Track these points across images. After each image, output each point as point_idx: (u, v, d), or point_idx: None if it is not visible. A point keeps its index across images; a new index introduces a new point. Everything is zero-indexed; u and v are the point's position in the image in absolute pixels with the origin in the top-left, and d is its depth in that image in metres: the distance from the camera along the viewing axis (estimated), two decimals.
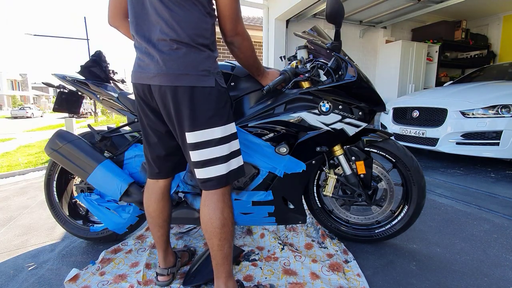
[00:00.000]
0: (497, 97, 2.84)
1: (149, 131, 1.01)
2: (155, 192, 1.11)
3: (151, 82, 0.89)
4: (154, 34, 0.86)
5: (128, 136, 1.55)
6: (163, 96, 0.88)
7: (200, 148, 0.90)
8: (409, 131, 3.36)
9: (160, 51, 0.86)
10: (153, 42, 0.87)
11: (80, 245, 1.59)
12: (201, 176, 0.93)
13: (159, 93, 0.88)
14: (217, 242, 0.94)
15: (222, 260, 0.97)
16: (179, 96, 0.87)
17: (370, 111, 1.31)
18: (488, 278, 1.23)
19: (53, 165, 1.54)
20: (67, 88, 1.54)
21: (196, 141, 0.90)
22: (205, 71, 0.89)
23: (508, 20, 5.86)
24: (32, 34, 15.35)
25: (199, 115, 0.89)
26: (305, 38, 1.37)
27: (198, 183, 0.96)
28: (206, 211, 0.95)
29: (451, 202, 2.11)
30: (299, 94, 1.26)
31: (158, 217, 1.12)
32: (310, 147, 1.31)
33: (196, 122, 0.89)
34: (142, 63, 0.90)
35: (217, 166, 0.92)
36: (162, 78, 0.86)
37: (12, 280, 1.31)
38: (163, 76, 0.86)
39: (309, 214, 1.72)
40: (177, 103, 0.88)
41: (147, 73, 0.89)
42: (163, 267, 1.18)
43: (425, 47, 5.65)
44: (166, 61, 0.86)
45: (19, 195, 2.62)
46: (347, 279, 1.20)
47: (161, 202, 1.11)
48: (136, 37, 0.91)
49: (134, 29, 0.90)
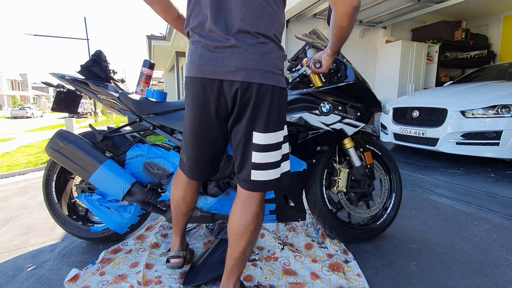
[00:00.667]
0: (497, 97, 2.84)
1: (202, 131, 0.92)
2: (191, 186, 1.10)
3: (229, 77, 0.80)
4: (234, 23, 0.79)
5: (129, 136, 1.56)
6: (244, 92, 0.81)
7: (265, 150, 0.86)
8: (409, 131, 3.36)
9: (244, 43, 0.79)
10: (233, 33, 0.79)
11: (80, 245, 1.59)
12: (257, 178, 0.88)
13: (240, 89, 0.81)
14: (244, 245, 0.92)
15: (241, 262, 0.95)
16: (263, 94, 0.82)
17: (367, 111, 1.38)
18: (488, 278, 1.23)
19: (52, 165, 1.54)
20: (65, 87, 1.55)
21: (265, 143, 0.86)
22: (281, 71, 0.87)
23: (508, 20, 5.86)
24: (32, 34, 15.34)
25: (273, 116, 0.86)
26: (305, 41, 1.39)
27: (245, 183, 0.91)
28: (243, 214, 0.91)
29: (451, 202, 2.11)
30: (300, 95, 1.29)
31: (187, 207, 1.14)
32: (311, 146, 1.34)
33: (270, 123, 0.85)
34: (216, 55, 0.81)
35: (274, 170, 0.89)
36: (247, 74, 0.79)
37: (12, 280, 1.31)
38: (249, 72, 0.80)
39: (309, 214, 1.72)
40: (259, 101, 0.82)
41: (223, 67, 0.80)
42: (179, 249, 1.21)
43: (425, 47, 5.66)
44: (252, 56, 0.79)
45: (19, 195, 2.62)
46: (347, 279, 1.20)
47: (194, 195, 1.14)
48: (204, 23, 0.82)
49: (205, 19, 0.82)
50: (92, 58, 1.52)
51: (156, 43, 7.92)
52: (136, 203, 1.42)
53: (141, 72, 1.55)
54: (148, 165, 1.42)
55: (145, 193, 1.35)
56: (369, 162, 1.48)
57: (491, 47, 6.21)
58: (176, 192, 1.13)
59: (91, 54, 1.57)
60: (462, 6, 4.81)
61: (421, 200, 2.15)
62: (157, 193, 1.39)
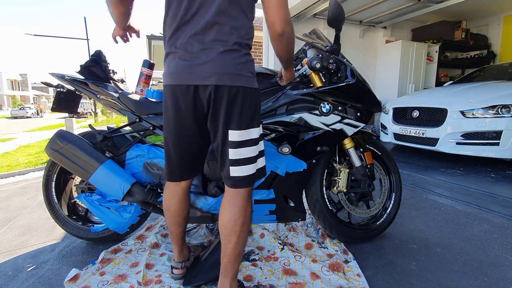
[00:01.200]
0: (497, 97, 2.84)
1: (180, 133, 0.99)
2: (177, 194, 1.11)
3: (204, 82, 0.89)
4: (210, 34, 0.87)
5: (129, 136, 1.56)
6: (218, 95, 0.89)
7: (240, 146, 0.93)
8: (409, 131, 3.36)
9: (217, 51, 0.87)
10: (206, 42, 0.88)
11: (80, 245, 1.59)
12: (236, 174, 0.95)
13: (214, 92, 0.89)
14: (235, 240, 0.96)
15: (235, 258, 0.98)
16: (235, 95, 0.90)
17: (367, 111, 1.39)
18: (488, 278, 1.23)
19: (52, 165, 1.54)
20: (65, 87, 1.54)
21: (239, 139, 0.93)
22: (251, 73, 0.95)
23: (508, 20, 5.86)
24: (32, 34, 15.34)
25: (246, 115, 0.93)
26: (305, 41, 1.39)
27: (227, 180, 0.97)
28: (230, 209, 0.97)
29: (451, 202, 2.11)
30: (300, 95, 1.29)
31: (179, 216, 1.14)
32: (311, 146, 1.35)
33: (243, 121, 0.92)
34: (190, 63, 0.89)
35: (250, 165, 0.95)
36: (220, 77, 0.88)
37: (12, 280, 1.31)
38: (222, 76, 0.88)
39: (309, 214, 1.72)
40: (232, 101, 0.90)
41: (197, 73, 0.89)
42: (177, 261, 1.20)
43: (425, 47, 5.65)
44: (224, 61, 0.88)
45: (19, 195, 2.62)
46: (347, 279, 1.20)
47: (182, 203, 1.13)
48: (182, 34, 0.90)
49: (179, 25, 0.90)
50: (92, 58, 1.52)
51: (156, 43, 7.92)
52: (136, 203, 1.42)
53: (141, 72, 1.55)
54: (148, 165, 1.42)
55: (145, 193, 1.35)
56: (369, 162, 1.48)
57: (491, 47, 6.20)
58: (166, 202, 1.13)
59: (90, 54, 1.57)
60: (462, 6, 4.81)
61: (421, 200, 2.15)
62: (157, 193, 1.39)
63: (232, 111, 0.91)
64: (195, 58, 0.89)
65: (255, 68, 1.33)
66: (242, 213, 0.96)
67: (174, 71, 0.92)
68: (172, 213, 1.13)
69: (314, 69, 1.26)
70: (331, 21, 1.16)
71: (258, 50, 6.83)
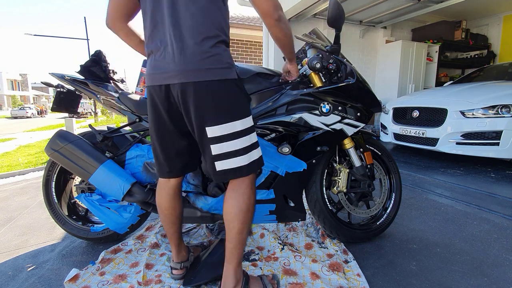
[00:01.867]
0: (497, 97, 2.84)
1: (161, 131, 1.01)
2: (167, 191, 1.12)
3: (170, 82, 0.89)
4: (173, 34, 0.87)
5: (129, 136, 1.56)
6: (185, 93, 0.89)
7: (222, 141, 0.92)
8: (409, 131, 3.36)
9: (180, 49, 0.87)
10: (171, 41, 0.87)
11: (80, 245, 1.59)
12: (222, 168, 0.94)
13: (180, 91, 0.89)
14: (239, 226, 0.97)
15: (239, 244, 0.99)
16: (202, 91, 0.88)
17: (367, 111, 1.39)
18: (488, 278, 1.23)
19: (52, 165, 1.54)
20: (65, 87, 1.54)
21: (218, 134, 0.91)
22: (228, 64, 0.92)
23: (508, 20, 5.86)
24: (32, 34, 15.35)
25: (223, 108, 0.91)
26: (305, 41, 1.39)
27: (214, 176, 0.97)
28: (233, 195, 0.98)
29: (451, 202, 2.11)
30: (300, 95, 1.29)
31: (171, 215, 1.14)
32: (311, 146, 1.35)
33: (219, 116, 0.90)
34: (158, 63, 0.91)
35: (238, 157, 0.94)
36: (183, 76, 0.87)
37: (12, 280, 1.31)
38: (185, 73, 0.87)
39: (309, 214, 1.72)
40: (200, 98, 0.89)
41: (164, 73, 0.90)
42: (176, 261, 1.20)
43: (425, 47, 5.65)
44: (187, 58, 0.87)
45: (19, 195, 2.62)
46: (347, 279, 1.20)
47: (173, 200, 1.13)
48: (151, 40, 0.92)
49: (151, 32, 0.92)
50: (92, 58, 1.52)
51: None
52: (136, 203, 1.42)
53: (141, 72, 1.55)
54: (148, 165, 1.42)
55: (145, 193, 1.35)
56: (369, 162, 1.48)
57: (491, 47, 6.20)
58: (157, 199, 1.14)
59: (91, 54, 1.57)
60: (462, 6, 4.81)
61: (421, 200, 2.15)
62: None
63: (203, 108, 0.90)
64: (161, 58, 0.89)
65: (255, 68, 1.33)
66: (244, 199, 0.97)
67: (149, 72, 0.94)
68: (163, 210, 1.13)
69: (314, 69, 1.26)
70: (331, 21, 1.17)
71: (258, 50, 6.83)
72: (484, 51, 6.18)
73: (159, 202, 1.14)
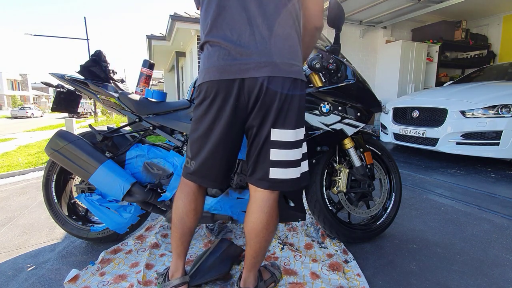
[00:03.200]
0: (497, 97, 2.84)
1: (223, 134, 0.87)
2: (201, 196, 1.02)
3: (250, 75, 0.77)
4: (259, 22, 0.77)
5: (129, 136, 1.56)
6: (268, 88, 0.78)
7: (285, 148, 0.84)
8: (409, 131, 3.36)
9: (268, 38, 0.76)
10: (252, 30, 0.77)
11: (80, 245, 1.59)
12: (276, 176, 0.86)
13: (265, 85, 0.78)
14: (265, 244, 0.94)
15: (261, 257, 0.98)
16: (291, 89, 0.79)
17: (367, 111, 1.39)
18: (488, 278, 1.23)
19: (52, 165, 1.54)
20: (65, 87, 1.54)
21: (281, 139, 0.83)
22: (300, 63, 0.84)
23: (508, 20, 5.86)
24: (32, 34, 15.35)
25: (295, 112, 0.83)
26: None
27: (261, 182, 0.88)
28: (260, 216, 0.90)
29: (451, 202, 2.11)
30: None
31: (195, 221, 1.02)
32: (311, 146, 1.34)
33: (292, 119, 0.82)
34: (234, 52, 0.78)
35: (294, 168, 0.87)
36: (269, 69, 0.77)
37: (12, 280, 1.31)
38: (274, 66, 0.77)
39: (309, 214, 1.72)
40: (284, 96, 0.79)
41: (243, 64, 0.77)
42: (183, 275, 1.07)
43: (425, 47, 5.66)
44: (277, 49, 0.77)
45: (19, 195, 2.62)
46: (347, 279, 1.20)
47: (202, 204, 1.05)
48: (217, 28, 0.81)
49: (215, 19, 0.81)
50: (92, 58, 1.52)
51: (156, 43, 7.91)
52: (136, 203, 1.42)
53: (141, 72, 1.55)
54: (148, 165, 1.42)
55: (145, 193, 1.35)
56: (369, 162, 1.48)
57: (491, 47, 6.20)
58: (182, 204, 0.99)
59: (91, 54, 1.57)
60: (462, 6, 4.81)
61: (421, 200, 2.15)
62: (157, 193, 1.39)
63: (282, 107, 0.80)
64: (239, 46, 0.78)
65: None
66: (271, 219, 0.92)
67: (213, 64, 0.81)
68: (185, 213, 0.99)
69: (314, 69, 1.26)
70: (331, 21, 1.17)
71: None
72: (484, 51, 6.18)
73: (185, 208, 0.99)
